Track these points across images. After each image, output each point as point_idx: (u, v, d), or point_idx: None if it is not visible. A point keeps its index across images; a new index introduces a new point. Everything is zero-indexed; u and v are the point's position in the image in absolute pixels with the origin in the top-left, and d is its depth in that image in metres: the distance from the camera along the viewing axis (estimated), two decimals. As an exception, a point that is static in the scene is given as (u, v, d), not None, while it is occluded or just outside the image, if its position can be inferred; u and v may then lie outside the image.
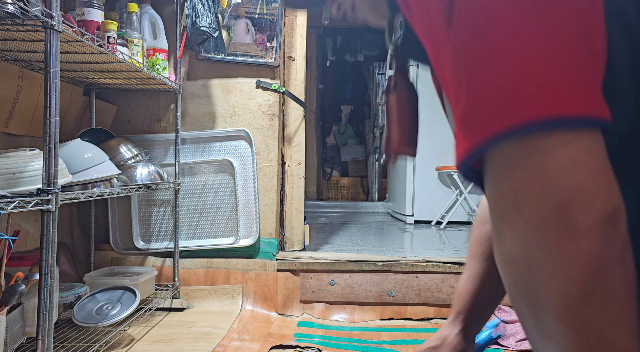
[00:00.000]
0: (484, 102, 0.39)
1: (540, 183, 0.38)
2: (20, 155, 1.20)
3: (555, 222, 0.38)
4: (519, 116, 0.37)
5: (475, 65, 0.40)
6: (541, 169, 0.38)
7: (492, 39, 0.39)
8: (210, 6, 1.93)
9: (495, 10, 0.39)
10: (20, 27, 1.15)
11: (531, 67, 0.37)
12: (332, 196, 5.39)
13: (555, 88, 0.37)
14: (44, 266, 1.11)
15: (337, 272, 2.01)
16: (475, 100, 0.40)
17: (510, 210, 0.40)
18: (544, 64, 0.37)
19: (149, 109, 2.15)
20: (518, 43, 0.38)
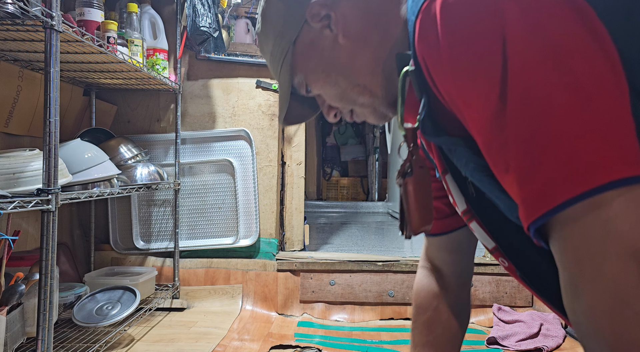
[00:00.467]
0: (559, 171, 0.43)
1: (617, 239, 0.40)
2: (20, 155, 1.20)
3: (636, 274, 0.39)
4: (588, 183, 0.41)
5: (543, 146, 0.44)
6: (617, 226, 0.41)
7: (553, 125, 0.43)
8: (210, 6, 1.93)
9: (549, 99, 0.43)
10: (20, 27, 1.15)
11: (592, 145, 0.42)
12: (332, 195, 5.39)
13: (613, 159, 0.41)
14: (44, 266, 1.11)
15: (337, 272, 2.01)
16: (549, 171, 0.43)
17: (588, 268, 0.42)
18: (601, 142, 0.42)
19: (149, 109, 2.15)
20: (576, 126, 0.42)
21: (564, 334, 1.67)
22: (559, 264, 0.46)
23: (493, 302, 1.93)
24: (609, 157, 0.41)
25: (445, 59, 0.49)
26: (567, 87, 0.43)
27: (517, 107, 0.45)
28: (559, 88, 0.43)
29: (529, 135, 0.44)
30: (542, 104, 0.44)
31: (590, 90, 0.43)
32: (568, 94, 0.43)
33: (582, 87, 0.43)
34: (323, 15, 0.64)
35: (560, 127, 0.43)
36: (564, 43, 0.44)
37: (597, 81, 0.43)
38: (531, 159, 0.44)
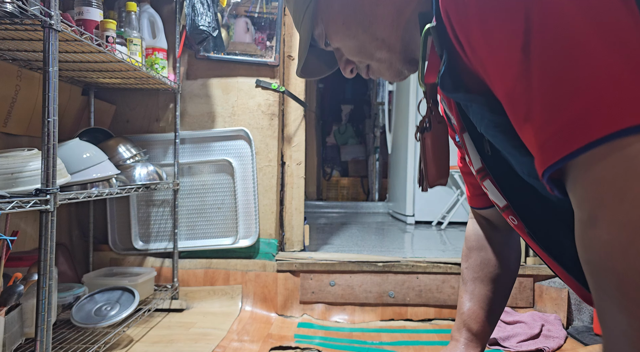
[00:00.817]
0: (585, 114, 0.42)
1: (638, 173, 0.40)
2: (18, 155, 1.19)
3: None
4: (617, 124, 0.41)
5: (569, 89, 0.43)
6: (637, 163, 0.40)
7: (581, 68, 0.43)
8: (209, 5, 1.93)
9: (579, 42, 0.43)
10: (19, 26, 1.14)
11: (621, 86, 0.41)
12: (332, 196, 5.38)
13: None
14: (43, 267, 1.10)
15: (337, 272, 2.00)
16: (575, 113, 0.43)
17: (609, 199, 0.41)
18: (629, 83, 0.41)
19: (148, 109, 2.14)
20: (606, 70, 0.42)
21: (565, 334, 1.66)
22: (578, 204, 0.45)
23: (493, 303, 1.93)
24: (634, 101, 0.40)
25: (472, 8, 0.49)
26: (595, 28, 0.43)
27: (542, 49, 0.44)
28: (587, 29, 0.43)
29: (554, 79, 0.44)
30: (569, 44, 0.43)
31: (619, 34, 0.42)
32: (596, 34, 0.42)
33: (611, 30, 0.42)
34: None
35: (586, 70, 0.42)
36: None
37: (625, 26, 0.43)
38: (553, 102, 0.44)
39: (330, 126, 5.78)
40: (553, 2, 0.44)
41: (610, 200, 0.42)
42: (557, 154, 0.44)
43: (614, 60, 0.42)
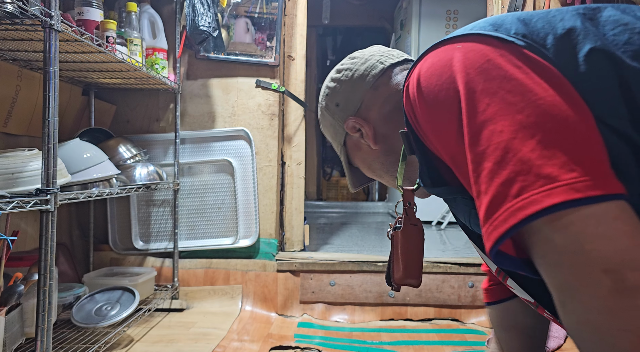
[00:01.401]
0: (517, 193, 0.48)
1: (586, 256, 0.44)
2: (19, 155, 1.19)
3: (610, 288, 0.43)
4: (550, 200, 0.45)
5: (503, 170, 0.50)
6: (583, 244, 0.44)
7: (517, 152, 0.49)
8: (209, 5, 1.93)
9: (507, 135, 0.50)
10: (19, 26, 1.15)
11: (546, 167, 0.47)
12: (332, 196, 5.38)
13: (575, 181, 0.46)
14: (43, 267, 1.10)
15: (337, 272, 2.00)
16: (506, 192, 0.48)
17: (567, 285, 0.46)
18: (561, 165, 0.46)
19: (148, 109, 2.14)
20: (530, 153, 0.48)
21: (565, 334, 1.66)
22: (545, 281, 0.50)
23: (493, 303, 1.93)
24: (579, 179, 0.45)
25: (424, 112, 0.60)
26: (518, 119, 0.50)
27: (471, 142, 0.52)
28: (509, 119, 0.50)
29: (480, 169, 0.51)
30: (493, 135, 0.51)
31: (542, 118, 0.49)
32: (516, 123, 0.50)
33: (538, 116, 0.49)
34: (357, 129, 0.81)
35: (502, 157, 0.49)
36: (516, 86, 0.51)
37: (552, 109, 0.49)
38: (484, 190, 0.50)
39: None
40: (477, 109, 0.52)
41: (567, 287, 0.46)
42: (494, 235, 0.49)
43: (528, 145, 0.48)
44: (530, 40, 0.54)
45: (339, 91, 0.82)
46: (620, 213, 0.45)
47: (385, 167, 0.82)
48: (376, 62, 0.81)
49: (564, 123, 0.48)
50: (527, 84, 0.51)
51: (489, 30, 0.56)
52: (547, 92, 0.50)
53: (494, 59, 0.53)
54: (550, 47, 0.53)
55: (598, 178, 0.45)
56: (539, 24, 0.55)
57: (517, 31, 0.55)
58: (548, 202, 0.45)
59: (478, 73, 0.53)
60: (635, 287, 0.42)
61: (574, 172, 0.46)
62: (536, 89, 0.50)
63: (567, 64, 0.52)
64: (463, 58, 0.55)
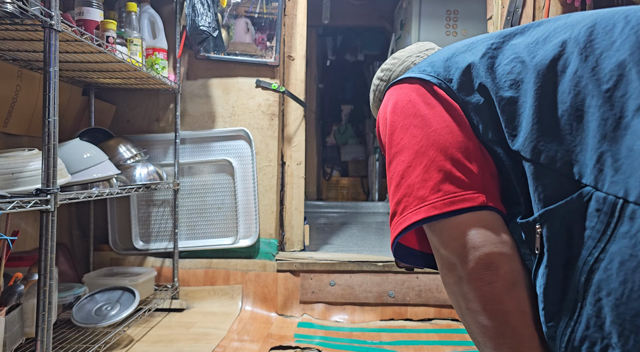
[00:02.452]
0: (408, 209, 0.66)
1: (443, 251, 0.63)
2: (19, 155, 1.19)
3: (456, 275, 0.62)
4: (419, 216, 0.64)
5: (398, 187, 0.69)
6: (441, 242, 0.63)
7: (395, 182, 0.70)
8: (209, 5, 1.93)
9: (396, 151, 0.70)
10: (20, 26, 1.15)
11: (429, 191, 0.64)
12: (332, 196, 5.38)
13: (438, 200, 0.63)
14: (43, 267, 1.10)
15: (337, 272, 2.00)
16: (401, 207, 0.67)
17: (440, 274, 0.67)
18: (436, 187, 0.63)
19: (148, 109, 2.14)
20: (416, 177, 0.66)
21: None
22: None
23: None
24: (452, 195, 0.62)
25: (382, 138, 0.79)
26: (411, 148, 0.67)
27: (388, 169, 0.72)
28: (406, 149, 0.68)
29: (389, 183, 0.71)
30: (395, 160, 0.69)
31: (429, 146, 0.65)
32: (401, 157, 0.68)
33: (423, 145, 0.66)
34: None
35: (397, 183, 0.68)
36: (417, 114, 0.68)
37: (440, 139, 0.65)
38: (392, 203, 0.69)
39: (330, 126, 5.78)
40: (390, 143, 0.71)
41: (440, 277, 0.69)
42: (391, 238, 0.69)
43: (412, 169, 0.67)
44: (442, 78, 0.68)
45: (381, 90, 0.93)
46: (473, 220, 0.61)
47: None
48: (411, 63, 0.89)
49: (444, 151, 0.63)
50: (428, 119, 0.66)
51: (420, 72, 0.72)
52: (442, 124, 0.65)
53: (413, 99, 0.69)
54: (455, 81, 0.67)
55: (458, 195, 0.61)
56: (452, 60, 0.69)
57: (437, 70, 0.70)
58: (415, 219, 0.63)
59: (400, 113, 0.70)
60: (467, 274, 0.60)
61: (438, 193, 0.62)
62: (434, 122, 0.65)
63: (463, 96, 0.66)
64: (395, 100, 0.72)
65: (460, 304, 0.62)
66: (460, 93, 0.66)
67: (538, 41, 0.62)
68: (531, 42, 0.63)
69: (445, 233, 0.61)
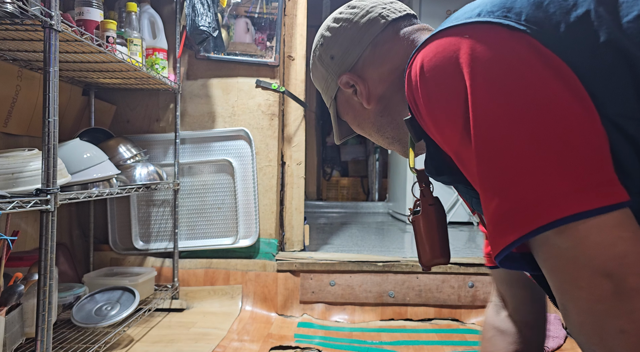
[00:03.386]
0: (529, 202, 0.48)
1: (587, 260, 0.46)
2: (19, 155, 1.19)
3: (610, 290, 0.45)
4: (559, 213, 0.47)
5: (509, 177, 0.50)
6: (585, 249, 0.46)
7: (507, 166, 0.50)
8: (209, 5, 1.93)
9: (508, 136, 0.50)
10: (19, 26, 1.15)
11: (556, 178, 0.48)
12: (332, 196, 5.38)
13: (581, 192, 0.47)
14: (43, 267, 1.10)
15: (337, 272, 2.00)
16: (517, 202, 0.49)
17: (569, 287, 0.48)
18: (566, 175, 0.47)
19: (148, 109, 2.14)
20: (537, 161, 0.48)
21: (565, 334, 1.66)
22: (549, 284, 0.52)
23: (493, 303, 1.93)
24: (583, 191, 0.47)
25: (426, 104, 0.58)
26: (528, 127, 0.49)
27: (480, 148, 0.51)
28: (520, 126, 0.49)
29: (490, 176, 0.51)
30: (503, 142, 0.50)
31: (551, 125, 0.48)
32: (528, 131, 0.49)
33: (542, 123, 0.49)
34: (350, 85, 0.77)
35: (513, 166, 0.49)
36: (524, 87, 0.50)
37: (557, 115, 0.49)
38: (491, 196, 0.51)
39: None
40: (486, 107, 0.51)
41: (567, 292, 0.49)
42: (499, 245, 0.51)
43: (538, 162, 0.48)
44: (541, 29, 0.51)
45: (335, 43, 0.77)
46: (622, 221, 0.46)
47: (375, 127, 0.78)
48: (378, 15, 0.75)
49: (571, 133, 0.48)
50: (536, 86, 0.50)
51: (498, 17, 0.53)
52: (556, 94, 0.49)
53: (503, 54, 0.51)
54: (562, 36, 0.50)
55: (603, 189, 0.47)
56: (551, 7, 0.52)
57: (528, 17, 0.52)
58: (557, 215, 0.47)
59: (486, 71, 0.51)
60: (633, 290, 0.44)
61: (581, 183, 0.47)
62: (545, 92, 0.49)
63: (578, 57, 0.50)
64: (470, 51, 0.53)
65: (603, 325, 0.46)
66: (570, 52, 0.50)
67: None
68: None
69: (593, 238, 0.46)
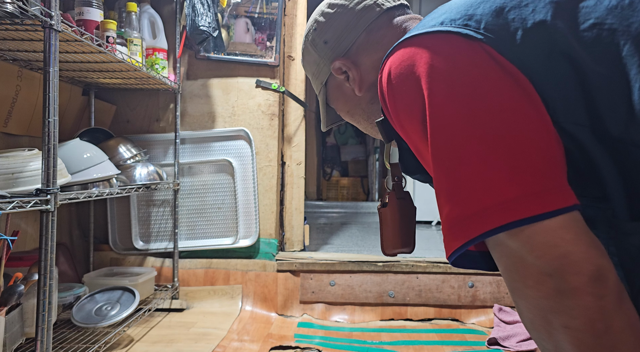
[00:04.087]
0: (478, 208, 0.51)
1: (533, 260, 0.49)
2: (19, 155, 1.19)
3: (553, 288, 0.48)
4: (508, 217, 0.49)
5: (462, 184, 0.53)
6: (531, 250, 0.49)
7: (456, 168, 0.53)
8: (209, 5, 1.93)
9: (459, 144, 0.52)
10: (20, 26, 1.15)
11: (506, 184, 0.50)
12: (332, 196, 5.38)
13: (529, 197, 0.49)
14: (43, 267, 1.10)
15: (337, 272, 2.00)
16: (468, 208, 0.52)
17: (519, 286, 0.51)
18: (515, 181, 0.49)
19: (148, 109, 2.14)
20: (487, 168, 0.50)
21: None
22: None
23: (494, 303, 1.93)
24: (534, 195, 0.49)
25: (392, 110, 0.61)
26: (480, 133, 0.51)
27: (435, 154, 0.54)
28: (473, 133, 0.51)
29: (443, 181, 0.54)
30: (457, 149, 0.52)
31: (503, 131, 0.50)
32: (478, 134, 0.51)
33: (495, 130, 0.51)
34: (343, 71, 0.77)
35: (466, 172, 0.52)
36: (477, 95, 0.52)
37: (510, 122, 0.51)
38: (444, 200, 0.55)
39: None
40: (442, 114, 0.53)
41: (514, 292, 0.53)
42: (448, 250, 0.55)
43: (489, 166, 0.51)
44: (498, 37, 0.53)
45: (329, 28, 0.77)
46: (566, 224, 0.49)
47: (366, 114, 0.79)
48: (373, 3, 0.75)
49: (524, 139, 0.50)
50: (490, 93, 0.51)
51: (458, 26, 0.55)
52: (509, 101, 0.51)
53: (458, 63, 0.53)
54: (519, 44, 0.52)
55: (550, 194, 0.49)
56: (510, 14, 0.54)
57: (487, 25, 0.54)
58: (506, 220, 0.49)
59: (442, 80, 0.53)
60: (573, 288, 0.47)
61: (530, 189, 0.49)
62: (498, 99, 0.51)
63: (533, 65, 0.52)
64: (429, 62, 0.55)
65: (549, 321, 0.50)
66: (525, 60, 0.52)
67: (623, 7, 0.51)
68: (613, 6, 0.51)
69: (538, 239, 0.49)
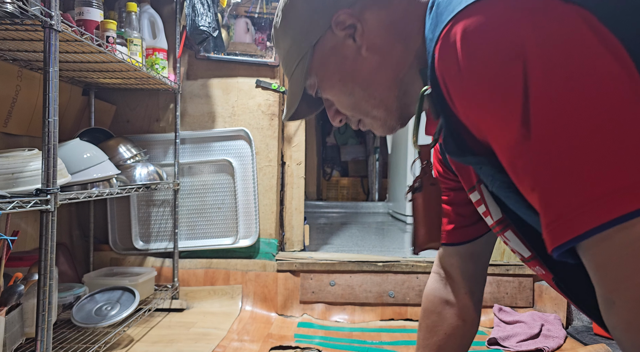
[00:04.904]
0: (585, 202, 0.44)
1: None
2: (19, 155, 1.19)
3: None
4: (620, 210, 0.42)
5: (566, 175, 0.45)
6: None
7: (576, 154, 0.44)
8: (209, 5, 1.93)
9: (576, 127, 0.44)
10: (19, 26, 1.15)
11: (619, 175, 0.43)
12: (332, 196, 5.38)
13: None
14: (43, 267, 1.10)
15: (337, 272, 2.00)
16: (583, 198, 0.44)
17: (620, 282, 0.44)
18: (625, 173, 0.42)
19: (148, 109, 2.14)
20: (602, 157, 0.43)
21: (565, 334, 1.66)
22: (594, 281, 0.47)
23: (494, 303, 1.93)
24: (632, 185, 0.42)
25: (466, 86, 0.50)
26: (592, 115, 0.44)
27: (542, 133, 0.45)
28: (584, 115, 0.44)
29: (554, 163, 0.45)
30: (568, 131, 0.44)
31: (617, 118, 0.43)
32: (593, 121, 0.43)
33: (608, 114, 0.43)
34: (348, 25, 0.63)
35: (585, 155, 0.44)
36: (587, 72, 0.44)
37: (624, 109, 0.43)
38: (555, 185, 0.45)
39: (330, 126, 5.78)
40: (552, 95, 0.45)
41: (623, 287, 0.44)
42: (563, 237, 0.45)
43: (611, 149, 0.43)
44: (605, 6, 0.45)
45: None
46: None
47: (366, 82, 0.66)
48: None
49: (631, 121, 0.43)
50: (607, 76, 0.44)
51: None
52: (621, 83, 0.44)
53: (573, 34, 0.44)
54: (620, 10, 0.45)
55: None
56: None
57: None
58: (620, 212, 0.42)
59: (558, 56, 0.44)
60: None
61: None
62: (613, 82, 0.44)
63: (636, 39, 0.45)
64: (533, 27, 0.45)
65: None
66: (627, 32, 0.44)
67: None
68: None
69: None
